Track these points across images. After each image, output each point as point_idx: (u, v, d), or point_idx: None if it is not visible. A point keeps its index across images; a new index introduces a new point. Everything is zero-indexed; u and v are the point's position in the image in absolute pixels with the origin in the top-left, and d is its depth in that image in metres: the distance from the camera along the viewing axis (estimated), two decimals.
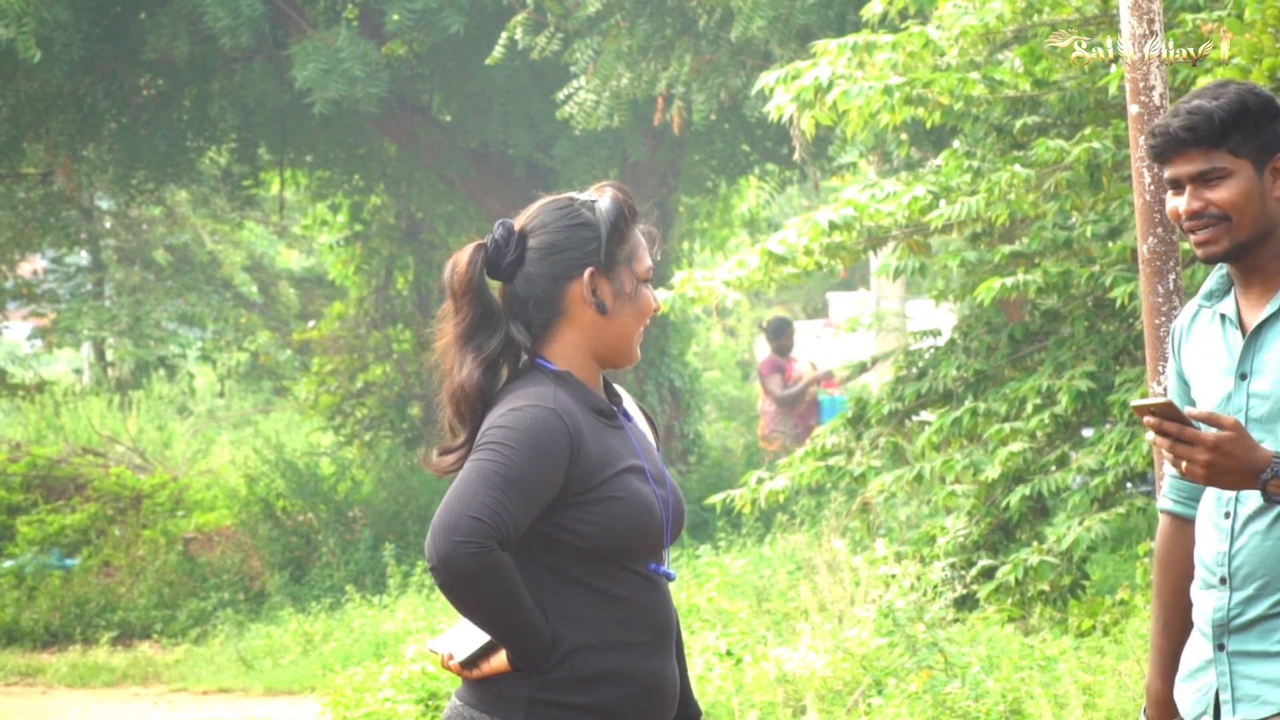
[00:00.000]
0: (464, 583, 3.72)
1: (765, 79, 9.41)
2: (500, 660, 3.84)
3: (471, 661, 3.87)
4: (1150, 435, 3.75)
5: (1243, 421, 3.82)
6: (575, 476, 3.83)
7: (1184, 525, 4.01)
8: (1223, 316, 3.92)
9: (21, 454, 17.11)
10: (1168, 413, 3.69)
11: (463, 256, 3.94)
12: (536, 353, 3.94)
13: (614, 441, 3.90)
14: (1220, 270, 3.94)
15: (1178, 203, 3.85)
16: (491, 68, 14.02)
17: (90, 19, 13.79)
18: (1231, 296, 3.92)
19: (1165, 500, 4.05)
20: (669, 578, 3.96)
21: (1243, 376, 3.85)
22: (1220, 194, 3.81)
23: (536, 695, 3.82)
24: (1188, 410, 3.75)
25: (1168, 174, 3.85)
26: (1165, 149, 3.83)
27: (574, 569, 3.85)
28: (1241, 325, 3.89)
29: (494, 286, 3.99)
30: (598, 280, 3.93)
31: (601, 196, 4.00)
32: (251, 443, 18.32)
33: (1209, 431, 3.69)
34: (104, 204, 21.79)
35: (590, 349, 3.95)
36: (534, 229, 3.95)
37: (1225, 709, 3.85)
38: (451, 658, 3.89)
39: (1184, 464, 3.70)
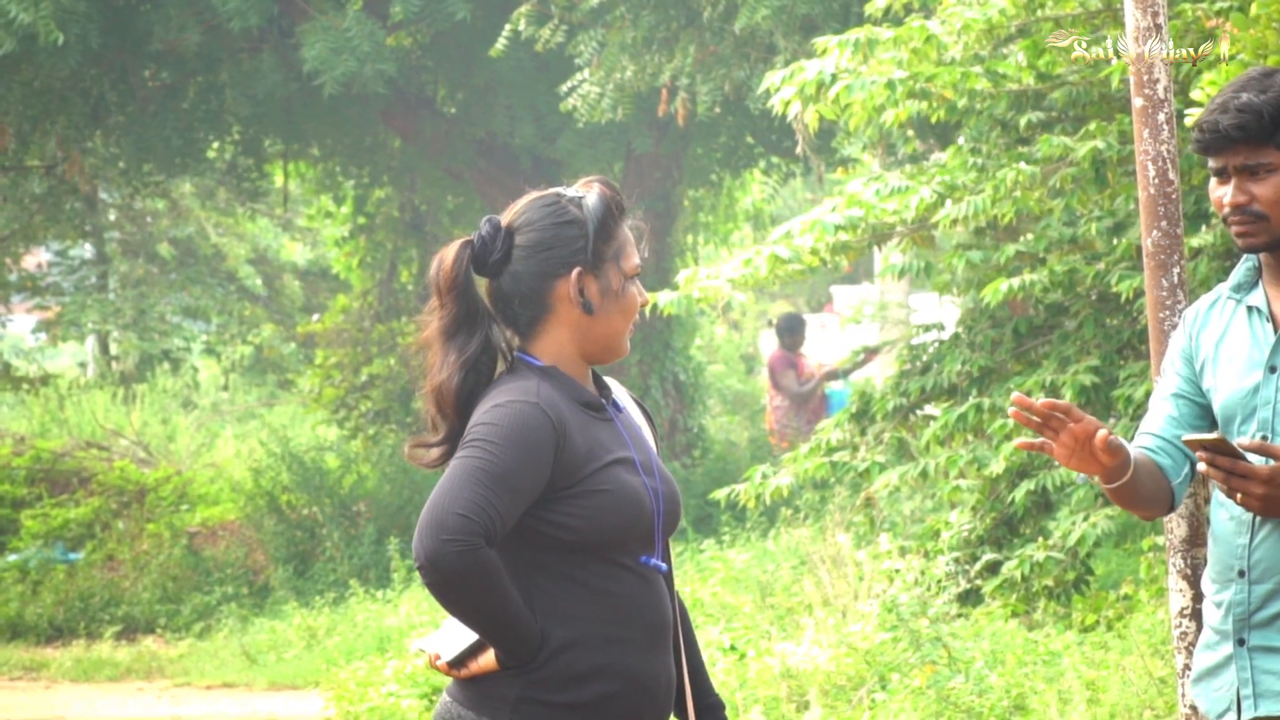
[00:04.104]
0: (452, 581, 3.69)
1: (770, 79, 9.39)
2: (488, 659, 3.81)
3: (459, 660, 3.84)
4: (1202, 467, 3.75)
5: (1271, 415, 3.84)
6: (561, 470, 3.80)
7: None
8: (1250, 308, 3.93)
9: (25, 448, 17.10)
10: (1220, 447, 3.71)
11: (449, 253, 3.91)
12: (522, 348, 3.92)
13: (602, 434, 3.88)
14: (1247, 263, 3.96)
15: (1222, 193, 3.88)
16: (496, 60, 14.01)
17: (98, 9, 13.79)
18: (1260, 289, 3.93)
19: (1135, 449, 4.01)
20: (660, 569, 3.92)
21: (1273, 369, 3.87)
22: (1265, 190, 3.84)
23: (523, 694, 3.79)
24: (1239, 441, 3.77)
25: (1213, 164, 3.89)
26: (1213, 145, 3.86)
27: (562, 564, 3.82)
28: (1273, 317, 3.90)
29: (481, 283, 3.97)
30: (585, 279, 3.90)
31: (589, 193, 3.95)
32: (256, 435, 18.31)
33: (1261, 465, 3.71)
34: (107, 196, 21.77)
35: (577, 346, 3.92)
36: (521, 226, 3.92)
37: (1246, 704, 3.85)
38: (439, 657, 3.86)
39: (1239, 495, 3.71)
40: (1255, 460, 3.75)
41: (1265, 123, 3.81)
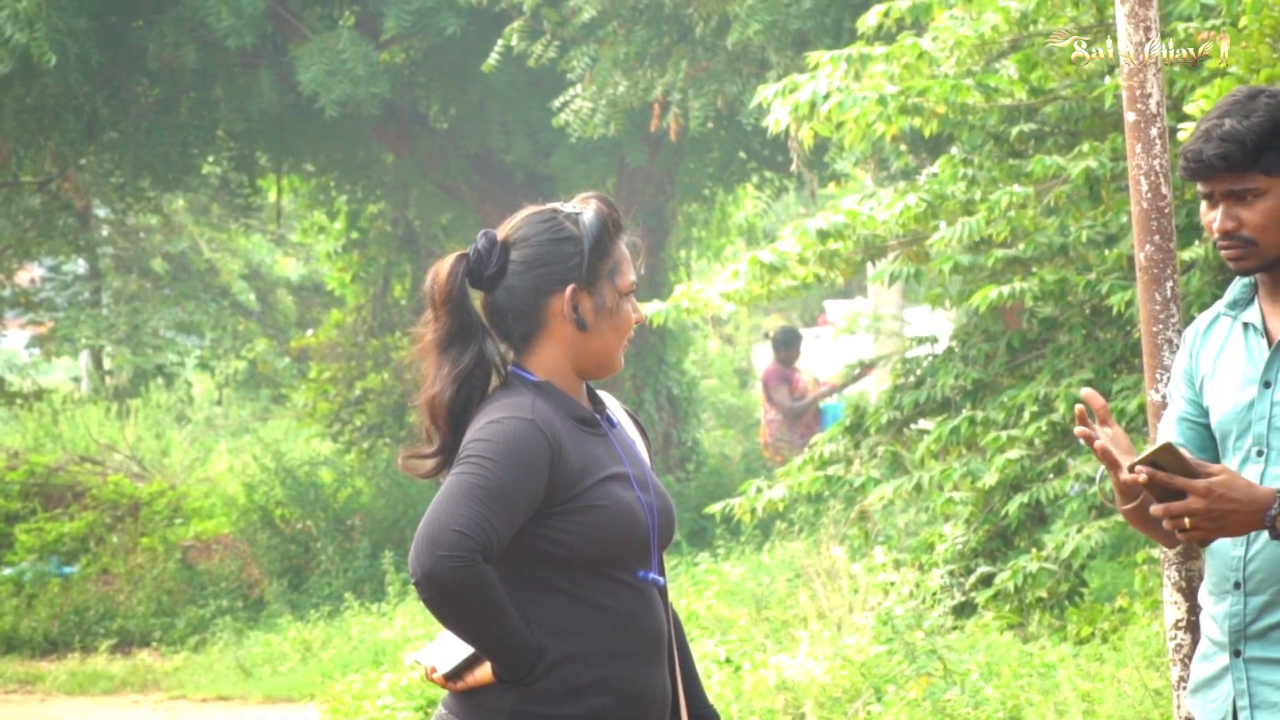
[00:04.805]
0: (448, 597, 3.70)
1: (764, 92, 9.41)
2: (485, 672, 3.81)
3: (455, 673, 3.85)
4: (1155, 508, 3.70)
5: (1265, 430, 3.85)
6: (556, 486, 3.80)
7: None
8: (1246, 325, 3.95)
9: (20, 462, 17.11)
10: (1164, 458, 3.65)
11: (444, 266, 3.92)
12: (517, 363, 3.93)
13: (596, 449, 3.88)
14: (1242, 279, 3.98)
15: (1212, 217, 3.89)
16: (489, 75, 14.04)
17: (93, 26, 13.81)
18: (1256, 305, 3.95)
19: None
20: (657, 584, 3.92)
21: (1267, 384, 3.88)
22: (1253, 214, 3.85)
23: (519, 707, 3.80)
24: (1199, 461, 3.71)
25: (1202, 189, 3.90)
26: (1199, 173, 3.88)
27: (559, 579, 3.82)
28: (1267, 333, 3.92)
29: (476, 296, 3.97)
30: (579, 296, 3.90)
31: (586, 209, 3.95)
32: (250, 449, 18.32)
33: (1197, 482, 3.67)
34: (100, 212, 21.79)
35: (571, 361, 3.92)
36: (517, 241, 3.92)
37: (1243, 715, 3.86)
38: (435, 670, 3.87)
39: (1186, 521, 3.66)
40: None
41: (1249, 150, 3.81)
